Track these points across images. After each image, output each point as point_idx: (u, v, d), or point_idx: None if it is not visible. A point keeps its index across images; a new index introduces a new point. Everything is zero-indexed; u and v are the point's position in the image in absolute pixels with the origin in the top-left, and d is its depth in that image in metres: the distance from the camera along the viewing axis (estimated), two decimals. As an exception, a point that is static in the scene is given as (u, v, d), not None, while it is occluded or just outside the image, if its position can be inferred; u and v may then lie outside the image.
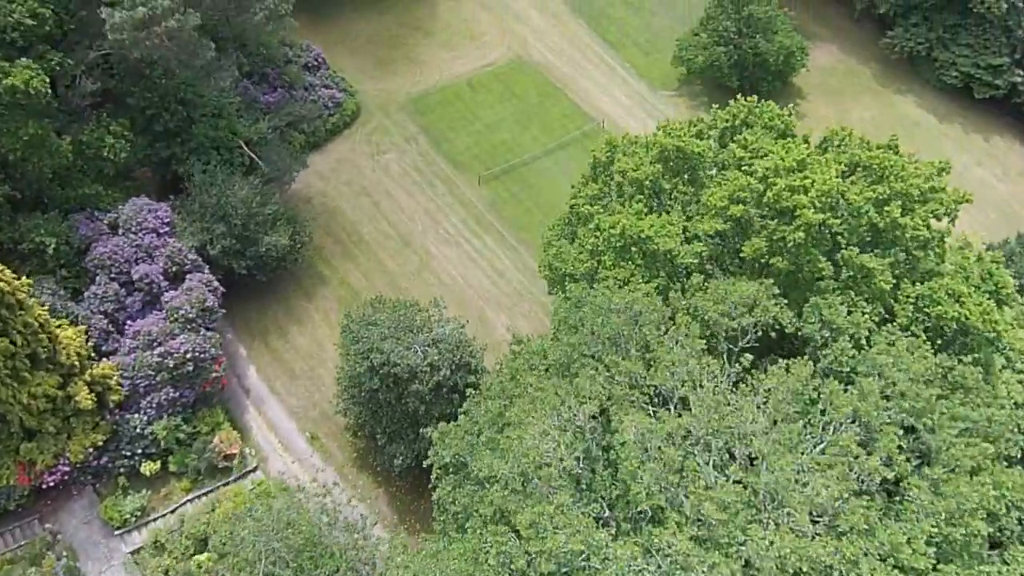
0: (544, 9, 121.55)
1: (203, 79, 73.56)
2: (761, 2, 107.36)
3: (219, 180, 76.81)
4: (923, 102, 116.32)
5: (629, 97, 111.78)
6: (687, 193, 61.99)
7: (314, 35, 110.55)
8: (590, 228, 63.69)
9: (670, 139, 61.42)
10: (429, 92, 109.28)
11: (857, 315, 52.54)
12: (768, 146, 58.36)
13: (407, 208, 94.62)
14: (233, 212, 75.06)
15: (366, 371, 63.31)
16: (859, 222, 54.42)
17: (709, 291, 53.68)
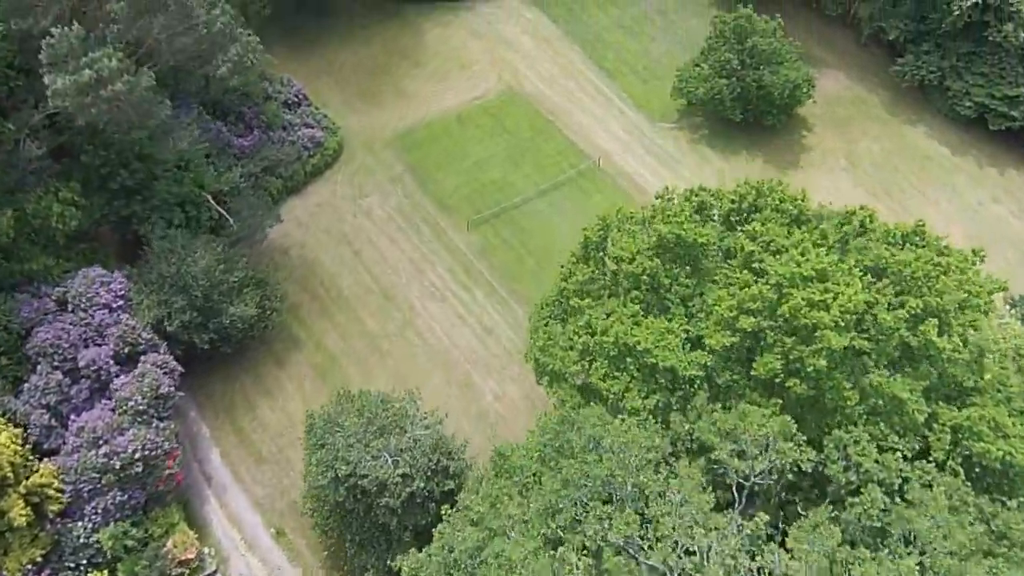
0: (537, 35, 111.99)
1: (160, 139, 63.76)
2: (764, 33, 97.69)
3: (179, 246, 67.77)
4: (935, 133, 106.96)
5: (626, 131, 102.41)
6: (689, 286, 52.66)
7: (296, 65, 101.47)
8: (581, 324, 54.27)
9: (669, 227, 52.18)
10: (416, 127, 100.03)
11: (888, 457, 43.42)
12: (780, 238, 49.13)
13: (390, 258, 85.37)
14: (194, 283, 65.95)
15: (330, 482, 54.06)
16: (889, 342, 45.00)
17: (717, 421, 44.30)
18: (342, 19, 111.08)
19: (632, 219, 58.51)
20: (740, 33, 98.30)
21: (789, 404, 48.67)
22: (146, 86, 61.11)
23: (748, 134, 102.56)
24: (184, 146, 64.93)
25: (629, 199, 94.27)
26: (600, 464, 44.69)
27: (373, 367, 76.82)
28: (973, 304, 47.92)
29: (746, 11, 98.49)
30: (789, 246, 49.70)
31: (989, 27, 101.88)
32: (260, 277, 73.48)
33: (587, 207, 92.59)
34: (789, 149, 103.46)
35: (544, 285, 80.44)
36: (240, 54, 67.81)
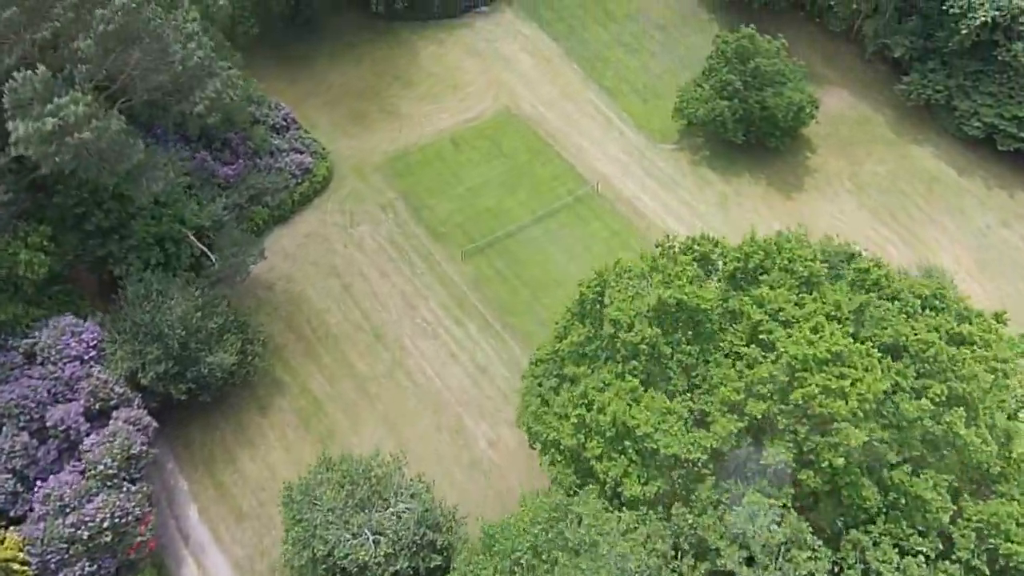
0: (535, 53, 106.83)
1: (134, 181, 58.80)
2: (767, 54, 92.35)
3: (154, 291, 62.73)
4: (941, 153, 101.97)
5: (626, 152, 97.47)
6: (692, 354, 47.60)
7: (285, 86, 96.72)
8: (576, 395, 49.21)
9: (670, 291, 46.87)
10: (409, 151, 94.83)
11: (910, 562, 38.48)
12: (790, 307, 43.75)
13: (381, 292, 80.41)
14: (170, 331, 61.05)
15: (308, 563, 49.12)
16: (912, 432, 40.02)
17: (725, 519, 39.33)
18: (333, 38, 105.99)
19: (630, 273, 53.19)
20: (742, 54, 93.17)
21: (802, 493, 43.66)
22: (117, 130, 55.84)
23: (750, 155, 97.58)
24: (159, 188, 60.12)
25: (628, 225, 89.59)
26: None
27: (360, 412, 72.00)
28: (1000, 384, 42.75)
29: (748, 31, 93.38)
30: (800, 318, 44.56)
31: (998, 46, 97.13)
32: (242, 320, 68.69)
33: (584, 235, 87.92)
34: (792, 171, 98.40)
35: (539, 317, 78.69)
36: (219, 90, 62.79)
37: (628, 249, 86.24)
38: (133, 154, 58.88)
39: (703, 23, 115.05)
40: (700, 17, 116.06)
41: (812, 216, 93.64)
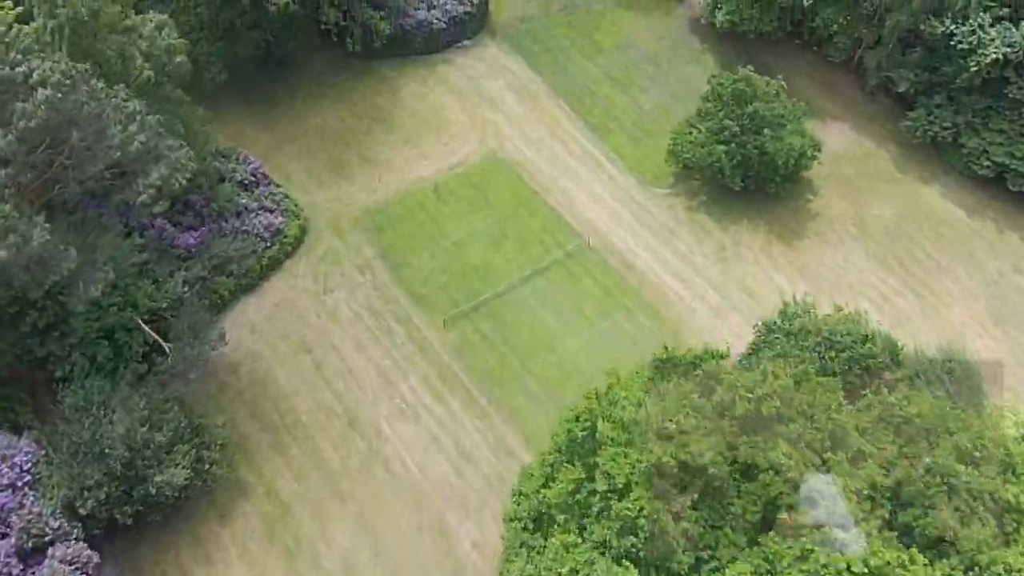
0: (521, 90, 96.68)
1: (68, 287, 48.80)
2: (766, 97, 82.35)
3: (96, 403, 52.74)
4: (949, 192, 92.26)
5: (617, 199, 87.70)
6: (698, 520, 37.77)
7: (256, 131, 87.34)
8: (565, 573, 39.42)
9: (670, 450, 36.99)
10: (388, 202, 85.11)
11: None
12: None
13: (356, 368, 70.84)
14: (112, 451, 50.82)
15: None
16: None
17: None
18: (308, 78, 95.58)
19: (624, 402, 43.33)
20: (739, 97, 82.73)
21: None
22: (40, 241, 45.72)
23: (749, 200, 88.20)
24: (97, 292, 49.91)
25: (621, 282, 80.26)
26: None
27: (331, 515, 62.94)
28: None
29: (745, 73, 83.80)
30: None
31: (1009, 83, 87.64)
32: (197, 423, 58.72)
33: (576, 294, 78.94)
34: (794, 216, 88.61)
35: (528, 389, 72.94)
36: (164, 176, 52.40)
37: (623, 311, 77.38)
38: (63, 264, 48.93)
39: (695, 54, 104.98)
40: (692, 47, 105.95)
41: (816, 266, 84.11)
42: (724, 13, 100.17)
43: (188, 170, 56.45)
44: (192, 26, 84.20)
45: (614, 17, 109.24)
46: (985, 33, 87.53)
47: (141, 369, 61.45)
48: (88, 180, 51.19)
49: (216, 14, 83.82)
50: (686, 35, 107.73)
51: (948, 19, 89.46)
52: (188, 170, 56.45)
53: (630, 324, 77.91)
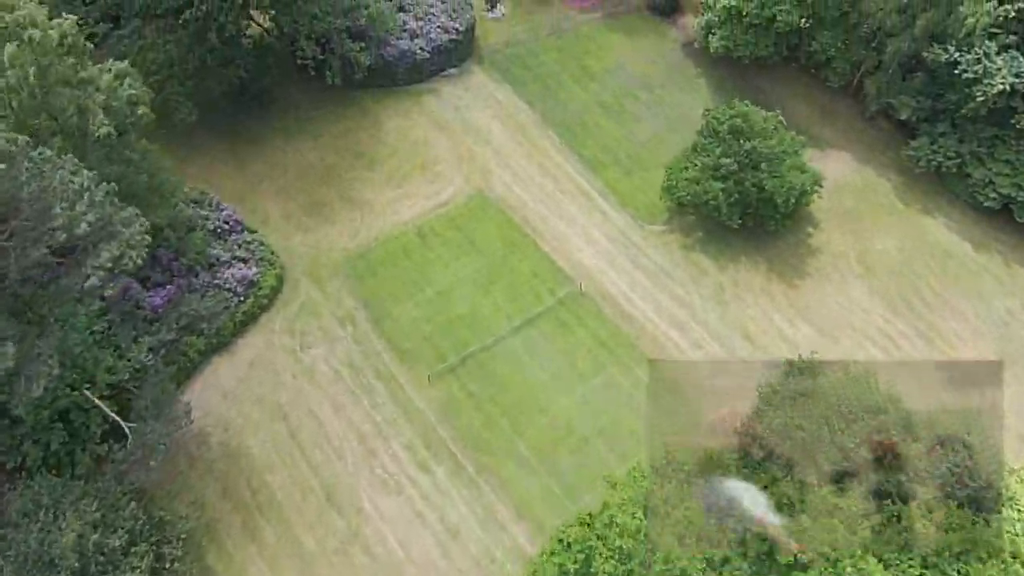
0: (509, 121, 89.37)
1: (9, 387, 41.64)
2: (764, 133, 75.36)
3: (44, 506, 45.58)
4: (954, 224, 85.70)
5: (610, 239, 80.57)
6: None
7: (232, 171, 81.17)
8: None
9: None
10: (370, 246, 78.01)
11: None
12: None
13: (334, 435, 64.06)
14: (62, 561, 43.58)
15: None
16: None
17: None
18: (286, 112, 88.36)
19: (622, 527, 36.23)
20: (737, 133, 75.62)
21: None
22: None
23: (747, 235, 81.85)
24: (39, 391, 42.62)
25: (616, 333, 73.35)
26: None
27: (307, 608, 55.01)
28: None
29: (742, 108, 77.40)
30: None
31: (1016, 113, 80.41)
32: (158, 518, 51.77)
33: (568, 346, 72.41)
34: (794, 253, 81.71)
35: (519, 455, 67.01)
36: (116, 256, 45.25)
37: (617, 364, 70.79)
38: (2, 361, 41.42)
39: (690, 79, 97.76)
40: (686, 72, 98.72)
41: (818, 307, 77.52)
42: (718, 39, 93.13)
43: (144, 246, 48.78)
44: (160, 64, 77.05)
45: (604, 41, 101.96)
46: (991, 62, 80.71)
47: (100, 451, 53.86)
48: (31, 267, 43.54)
49: (186, 52, 76.25)
50: (679, 59, 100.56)
51: (952, 46, 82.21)
52: (144, 246, 48.78)
53: (625, 378, 71.05)
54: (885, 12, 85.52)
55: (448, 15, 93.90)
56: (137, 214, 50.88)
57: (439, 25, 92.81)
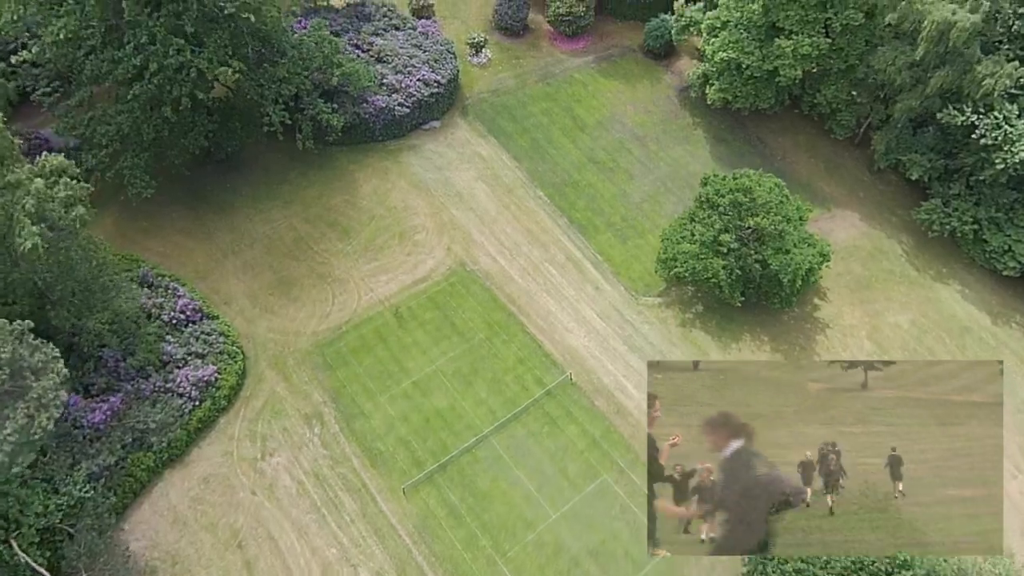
0: (494, 181, 79.49)
1: None
2: (768, 208, 65.30)
3: None
4: (970, 293, 76.68)
5: (603, 316, 70.84)
6: None
7: (197, 244, 73.80)
8: None
9: None
10: (342, 330, 68.41)
11: None
12: None
13: (296, 566, 55.84)
14: None
15: None
16: None
17: None
18: (256, 175, 77.96)
19: None
20: (739, 209, 65.32)
21: None
22: None
23: (749, 309, 72.33)
24: None
25: (609, 431, 64.53)
26: None
27: None
28: None
29: (744, 180, 67.70)
30: None
31: (1040, 179, 69.51)
32: None
33: (557, 447, 64.19)
34: (800, 328, 72.09)
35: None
36: (22, 425, 35.20)
37: (611, 467, 63.18)
38: None
39: (686, 130, 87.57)
40: (682, 121, 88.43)
41: (828, 394, 65.92)
42: (716, 90, 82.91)
43: (57, 405, 38.49)
44: (112, 138, 66.20)
45: (596, 87, 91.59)
46: (1012, 127, 70.28)
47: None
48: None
49: (139, 124, 65.71)
50: (675, 108, 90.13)
51: (968, 108, 71.82)
52: (57, 405, 38.49)
53: (621, 486, 61.62)
54: (895, 68, 75.04)
55: (429, 66, 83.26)
56: (55, 357, 40.53)
57: (420, 78, 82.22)
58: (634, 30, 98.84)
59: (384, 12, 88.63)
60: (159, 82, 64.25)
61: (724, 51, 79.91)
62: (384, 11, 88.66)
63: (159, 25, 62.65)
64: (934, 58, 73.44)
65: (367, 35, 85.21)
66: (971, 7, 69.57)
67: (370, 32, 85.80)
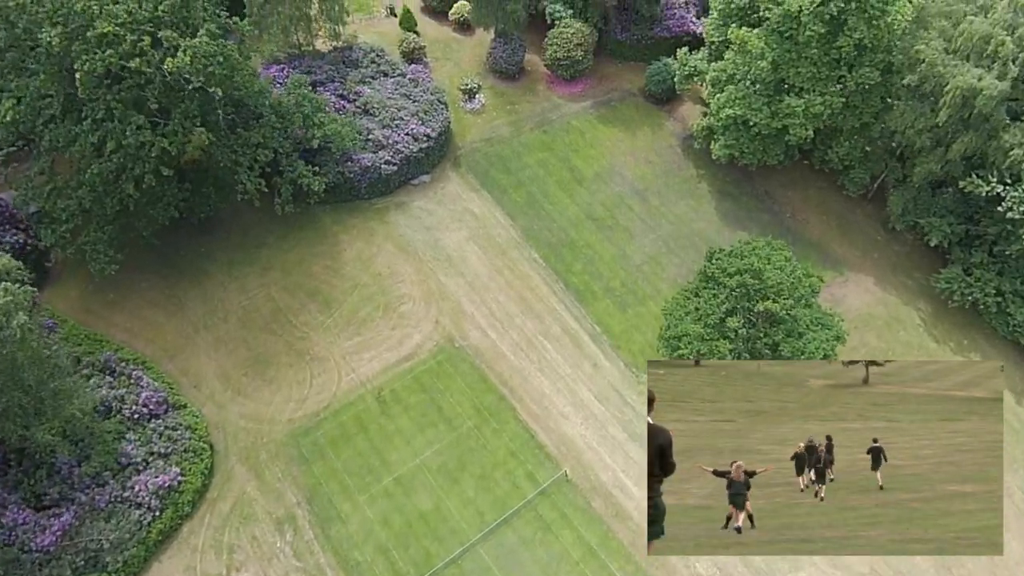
0: (487, 242, 72.65)
1: None
2: (780, 289, 58.34)
3: None
4: (991, 367, 66.15)
5: (601, 397, 64.14)
6: None
7: (166, 317, 68.56)
8: None
9: None
10: (320, 416, 61.77)
11: None
12: None
13: None
14: None
15: None
16: None
17: None
18: (235, 239, 70.72)
19: None
20: (749, 295, 57.82)
21: None
22: None
23: (758, 391, 62.21)
24: None
25: (607, 537, 58.08)
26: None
27: None
28: None
29: (752, 259, 60.69)
30: None
31: (1073, 252, 61.84)
32: None
33: (551, 557, 58.32)
34: None
35: None
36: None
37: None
38: None
39: (690, 183, 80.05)
40: (685, 174, 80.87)
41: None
42: (721, 146, 75.40)
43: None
44: (72, 212, 58.69)
45: (595, 136, 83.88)
46: (1042, 200, 62.45)
47: None
48: None
49: (101, 199, 58.26)
50: (678, 158, 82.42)
51: (993, 177, 64.16)
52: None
53: (619, 604, 53.36)
54: (915, 131, 67.18)
55: (419, 118, 75.57)
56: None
57: (408, 132, 74.66)
58: (635, 72, 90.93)
59: (372, 57, 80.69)
60: (119, 160, 56.45)
61: (730, 107, 72.10)
62: (372, 56, 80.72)
63: (118, 100, 54.72)
64: (957, 122, 65.46)
65: (353, 84, 77.32)
66: (998, 73, 61.66)
67: (356, 80, 77.87)
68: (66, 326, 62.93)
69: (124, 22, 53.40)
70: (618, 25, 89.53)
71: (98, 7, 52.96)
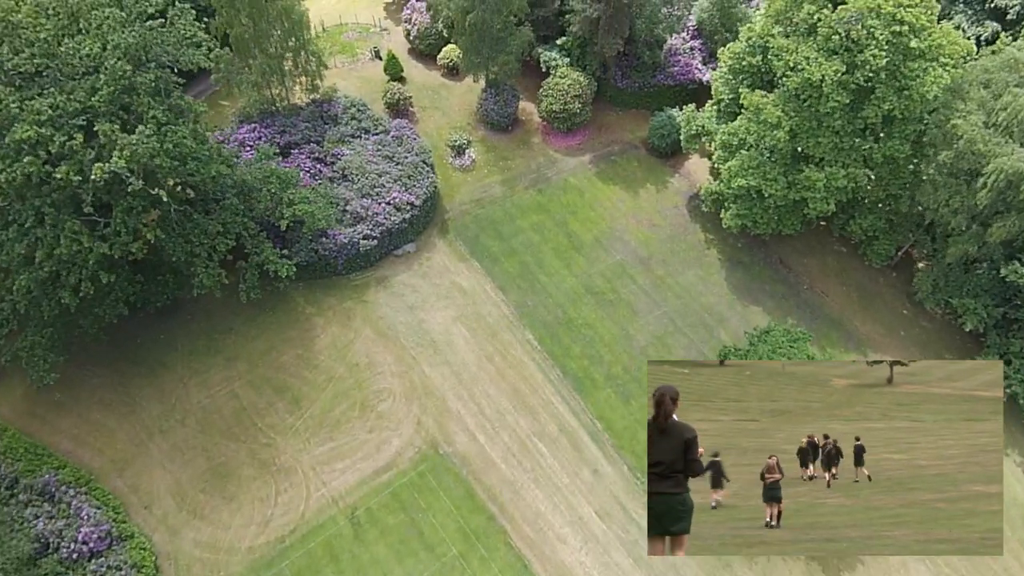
0: (477, 323, 63.11)
1: None
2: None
3: None
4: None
5: (603, 514, 55.65)
6: None
7: (117, 421, 59.35)
8: None
9: None
10: (286, 544, 52.86)
11: None
12: None
13: None
14: None
15: None
16: None
17: None
18: (197, 322, 61.46)
19: None
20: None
21: None
22: None
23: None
24: None
25: None
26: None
27: None
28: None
29: (764, 358, 49.73)
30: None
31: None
32: None
33: None
34: None
35: None
36: None
37: None
38: None
39: (698, 250, 70.36)
40: (693, 239, 71.21)
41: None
42: (733, 215, 65.63)
43: None
44: (7, 316, 49.02)
45: (595, 195, 73.89)
46: (1094, 292, 52.58)
47: None
48: None
49: (37, 303, 48.53)
50: (684, 220, 72.49)
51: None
52: None
53: None
54: (949, 210, 57.09)
55: (402, 183, 65.64)
56: None
57: (390, 201, 64.44)
58: (637, 120, 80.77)
59: (353, 113, 70.56)
60: (52, 269, 46.53)
61: (743, 177, 61.94)
62: (353, 112, 70.52)
63: (49, 204, 44.74)
64: (998, 203, 55.41)
65: (331, 144, 67.38)
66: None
67: (335, 140, 67.91)
68: (6, 436, 53.57)
69: (50, 118, 43.19)
70: (618, 72, 79.30)
71: (17, 105, 42.75)
